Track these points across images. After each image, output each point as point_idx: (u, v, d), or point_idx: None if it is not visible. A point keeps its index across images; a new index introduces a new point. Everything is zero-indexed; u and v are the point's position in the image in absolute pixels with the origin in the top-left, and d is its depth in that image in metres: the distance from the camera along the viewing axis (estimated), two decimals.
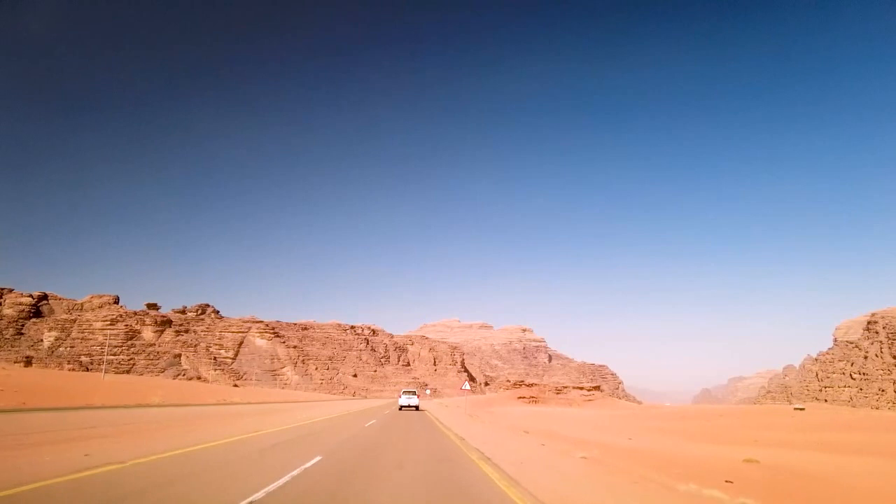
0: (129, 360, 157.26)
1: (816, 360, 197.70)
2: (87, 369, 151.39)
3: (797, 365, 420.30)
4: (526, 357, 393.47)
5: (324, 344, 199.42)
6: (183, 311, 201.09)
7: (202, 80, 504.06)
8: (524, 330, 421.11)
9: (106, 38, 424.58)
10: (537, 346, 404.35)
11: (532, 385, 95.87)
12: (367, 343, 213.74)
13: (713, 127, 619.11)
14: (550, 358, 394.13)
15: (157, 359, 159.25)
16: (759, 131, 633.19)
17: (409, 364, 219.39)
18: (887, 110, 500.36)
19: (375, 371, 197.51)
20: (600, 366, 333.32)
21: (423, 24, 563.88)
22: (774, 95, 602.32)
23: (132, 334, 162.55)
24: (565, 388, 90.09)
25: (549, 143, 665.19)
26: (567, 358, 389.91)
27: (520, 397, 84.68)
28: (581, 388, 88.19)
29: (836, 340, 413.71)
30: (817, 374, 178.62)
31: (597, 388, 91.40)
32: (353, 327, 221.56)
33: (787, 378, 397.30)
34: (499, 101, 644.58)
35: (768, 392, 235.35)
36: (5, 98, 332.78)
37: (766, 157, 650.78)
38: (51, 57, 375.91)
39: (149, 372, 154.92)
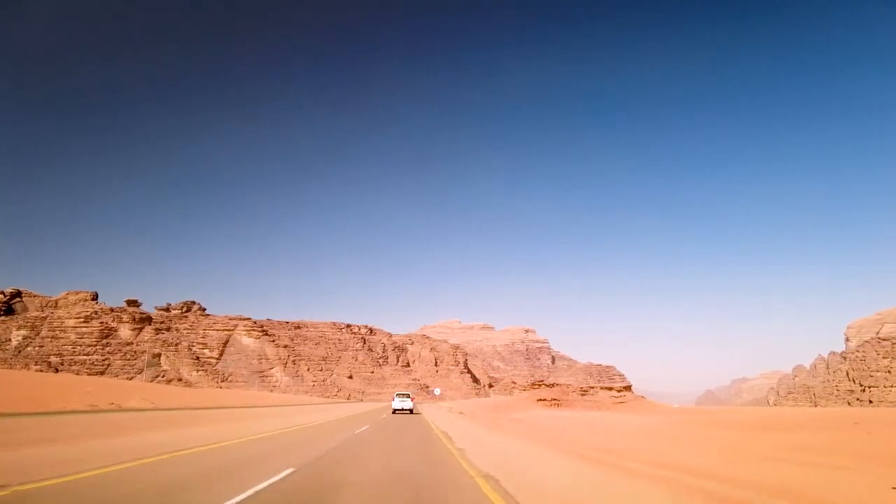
0: (103, 360, 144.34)
1: (845, 358, 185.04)
2: (57, 370, 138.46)
3: (807, 365, 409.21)
4: (529, 358, 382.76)
5: (317, 343, 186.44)
6: (167, 309, 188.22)
7: (196, 76, 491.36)
8: (527, 331, 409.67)
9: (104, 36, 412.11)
10: (540, 348, 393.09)
11: (553, 385, 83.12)
12: (364, 342, 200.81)
13: (717, 126, 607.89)
14: (554, 359, 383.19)
15: (135, 358, 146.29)
16: (760, 131, 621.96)
17: (408, 365, 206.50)
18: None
19: (373, 372, 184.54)
20: (608, 366, 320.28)
21: (423, 23, 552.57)
22: (781, 92, 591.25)
23: (108, 332, 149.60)
24: (591, 388, 77.60)
25: (551, 141, 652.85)
26: (570, 359, 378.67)
27: (540, 399, 72.04)
28: (610, 389, 75.71)
29: (848, 339, 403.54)
30: (848, 374, 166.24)
31: (627, 388, 79.09)
32: (349, 326, 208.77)
33: (797, 378, 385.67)
34: (501, 99, 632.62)
35: (789, 392, 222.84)
36: None
37: (766, 158, 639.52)
38: (36, 53, 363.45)
39: (125, 373, 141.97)
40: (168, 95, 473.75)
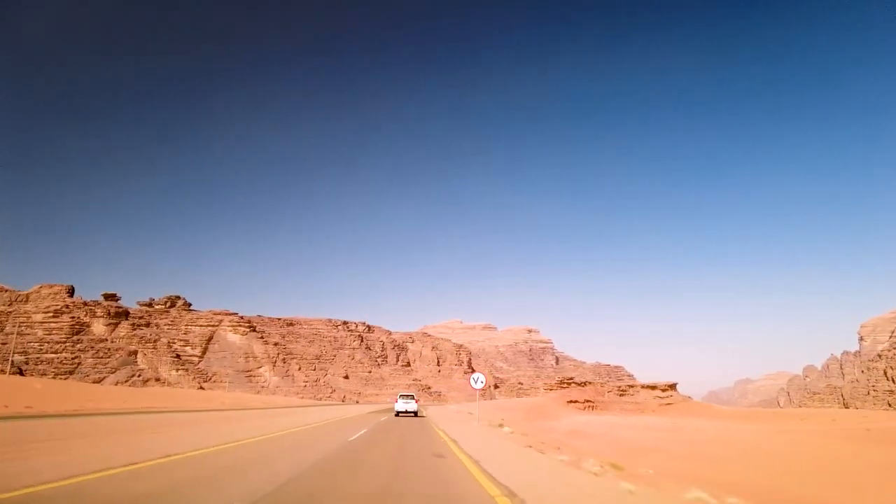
0: (73, 358, 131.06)
1: (880, 356, 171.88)
2: (21, 371, 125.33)
3: (818, 365, 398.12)
4: (532, 359, 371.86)
5: (311, 341, 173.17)
6: (150, 304, 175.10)
7: (190, 72, 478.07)
8: (530, 331, 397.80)
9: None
10: (544, 348, 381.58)
11: (584, 384, 69.82)
12: (362, 341, 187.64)
13: (722, 124, 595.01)
14: (557, 360, 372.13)
15: (108, 357, 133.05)
16: (766, 129, 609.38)
17: (409, 364, 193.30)
18: None
19: (370, 372, 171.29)
20: (616, 366, 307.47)
21: (426, 24, 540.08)
22: (790, 89, 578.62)
23: (79, 328, 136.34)
24: (630, 386, 64.66)
25: (555, 140, 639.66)
26: (573, 359, 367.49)
27: (571, 401, 59.04)
28: (653, 388, 62.82)
29: (862, 339, 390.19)
30: (886, 372, 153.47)
31: (672, 386, 66.03)
32: (345, 323, 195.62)
33: (808, 379, 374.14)
34: (503, 99, 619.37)
35: (814, 393, 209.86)
36: None
37: (763, 159, 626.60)
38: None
39: (97, 372, 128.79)
40: (156, 90, 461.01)
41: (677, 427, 34.91)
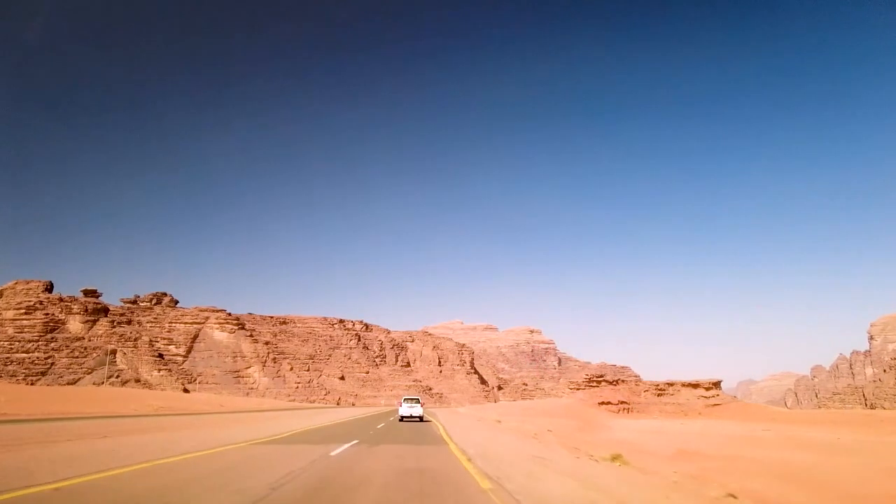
0: (46, 357, 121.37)
1: None
2: None
3: (825, 366, 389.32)
4: (534, 360, 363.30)
5: (305, 340, 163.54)
6: (135, 302, 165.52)
7: (187, 67, 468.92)
8: (532, 331, 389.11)
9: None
10: (546, 349, 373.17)
11: (617, 382, 60.16)
12: (359, 340, 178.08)
13: (726, 121, 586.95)
14: (560, 361, 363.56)
15: (84, 356, 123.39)
16: (771, 127, 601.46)
17: (409, 365, 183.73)
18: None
19: (368, 373, 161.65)
20: (622, 367, 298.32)
21: (427, 22, 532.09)
22: (789, 89, 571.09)
23: (54, 326, 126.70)
24: (670, 385, 55.41)
25: (556, 139, 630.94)
26: (577, 360, 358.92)
27: (602, 403, 49.57)
28: (695, 386, 53.73)
29: (872, 338, 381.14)
30: None
31: (716, 384, 56.83)
32: (341, 321, 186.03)
33: (816, 380, 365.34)
34: (505, 98, 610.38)
35: (834, 394, 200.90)
36: None
37: (761, 157, 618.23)
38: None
39: (71, 373, 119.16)
40: (148, 85, 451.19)
41: (798, 439, 25.67)
